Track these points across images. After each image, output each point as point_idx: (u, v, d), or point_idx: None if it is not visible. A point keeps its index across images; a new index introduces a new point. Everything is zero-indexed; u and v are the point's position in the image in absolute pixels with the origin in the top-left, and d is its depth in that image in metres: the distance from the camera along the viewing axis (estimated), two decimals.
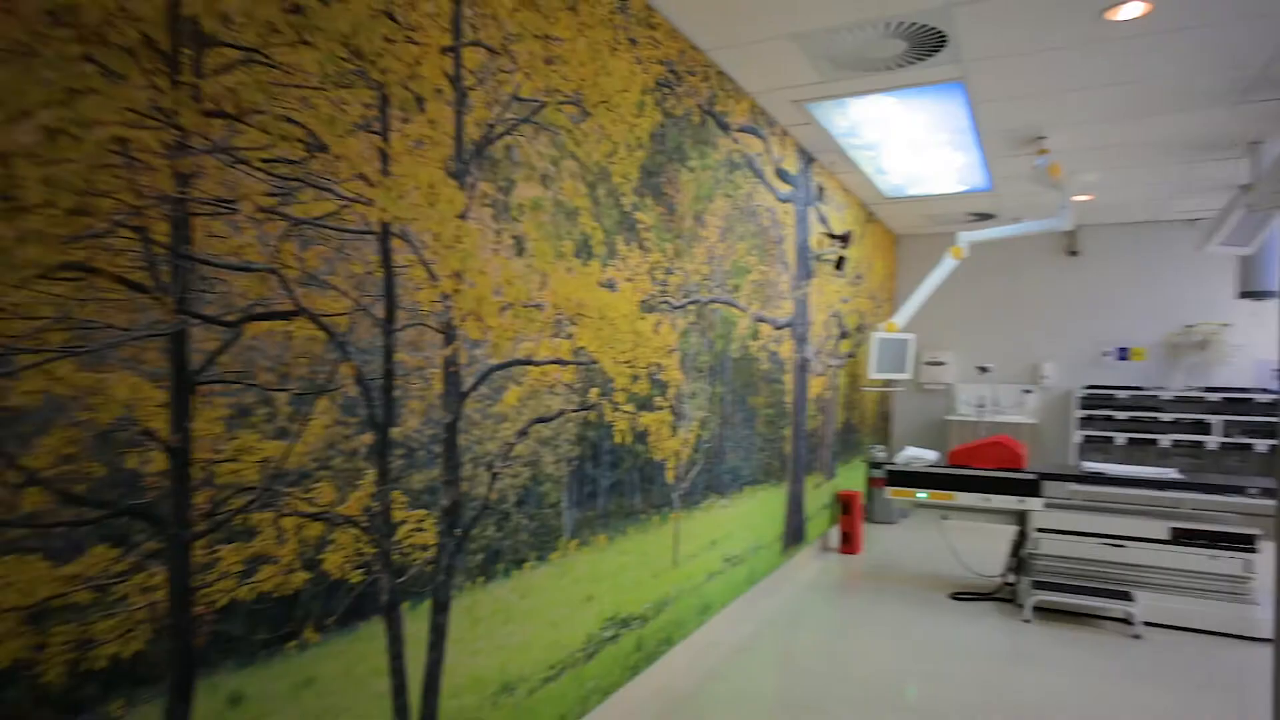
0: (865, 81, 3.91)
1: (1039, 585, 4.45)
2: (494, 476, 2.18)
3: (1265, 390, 7.11)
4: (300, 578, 1.68)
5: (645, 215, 2.98)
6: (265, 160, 1.58)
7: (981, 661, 3.91)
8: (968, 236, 6.18)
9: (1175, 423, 7.29)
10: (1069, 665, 3.84)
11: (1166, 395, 7.30)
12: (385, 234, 1.84)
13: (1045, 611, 4.44)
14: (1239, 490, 4.46)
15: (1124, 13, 3.27)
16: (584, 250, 2.58)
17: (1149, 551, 4.44)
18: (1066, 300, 7.94)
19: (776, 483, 4.62)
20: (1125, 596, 4.30)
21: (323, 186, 1.70)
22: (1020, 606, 4.58)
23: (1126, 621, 4.36)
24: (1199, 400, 7.25)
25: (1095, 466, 4.88)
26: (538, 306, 2.34)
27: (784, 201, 4.67)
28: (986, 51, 3.60)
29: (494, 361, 2.18)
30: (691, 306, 3.39)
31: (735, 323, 3.89)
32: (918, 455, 4.95)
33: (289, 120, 1.62)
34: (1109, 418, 7.46)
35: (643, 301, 2.96)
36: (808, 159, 5.21)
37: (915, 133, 4.88)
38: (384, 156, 1.83)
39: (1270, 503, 4.41)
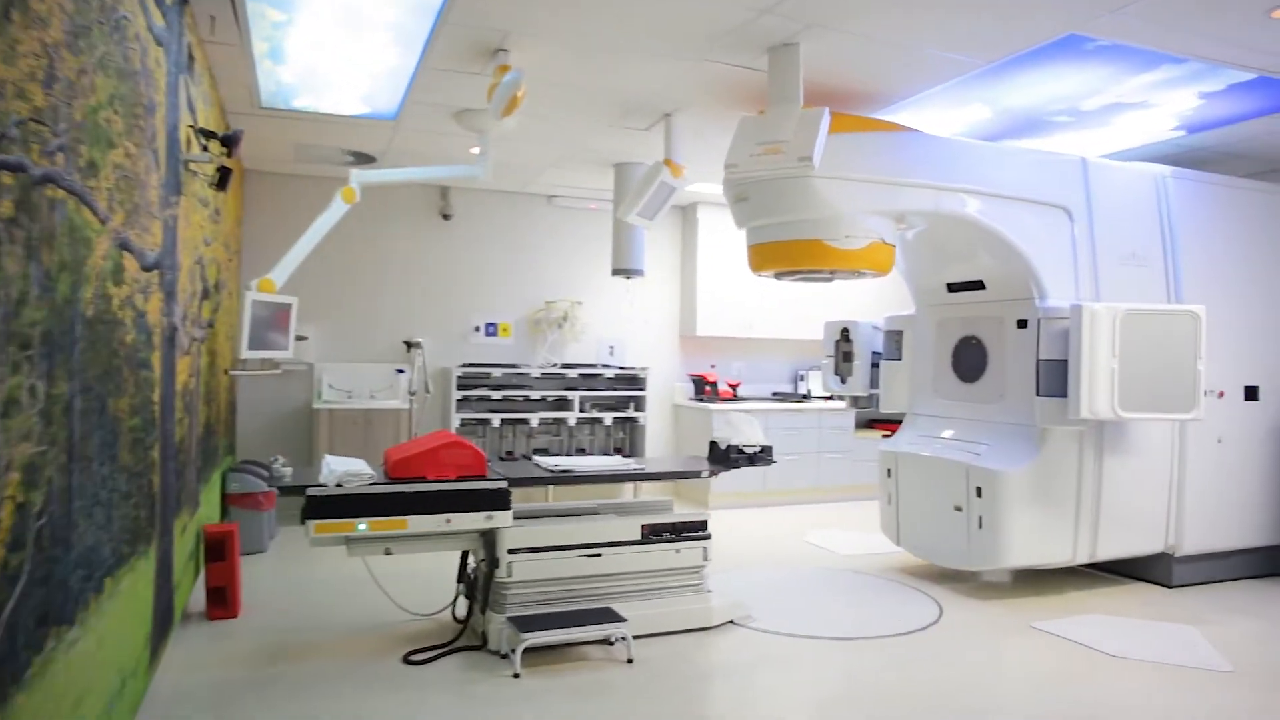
0: None
1: (523, 624, 3.44)
2: None
3: (609, 366, 7.50)
4: None
5: None
6: None
7: None
8: (364, 176, 4.81)
9: (542, 400, 7.17)
10: None
11: (534, 373, 7.13)
12: None
13: (532, 653, 3.45)
14: (694, 474, 4.18)
15: None
16: None
17: (624, 556, 3.83)
18: (440, 269, 7.17)
19: (145, 549, 2.58)
20: (615, 617, 3.60)
21: None
22: (501, 655, 3.50)
23: (609, 642, 3.67)
24: (560, 377, 7.27)
25: (551, 462, 4.10)
26: None
27: (159, 44, 2.62)
28: None
29: None
30: (8, 179, 1.33)
31: (90, 242, 1.84)
32: (350, 470, 3.43)
33: None
34: (485, 398, 6.95)
35: None
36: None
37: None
38: None
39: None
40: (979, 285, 4.95)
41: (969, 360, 5.05)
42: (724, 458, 4.25)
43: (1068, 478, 4.60)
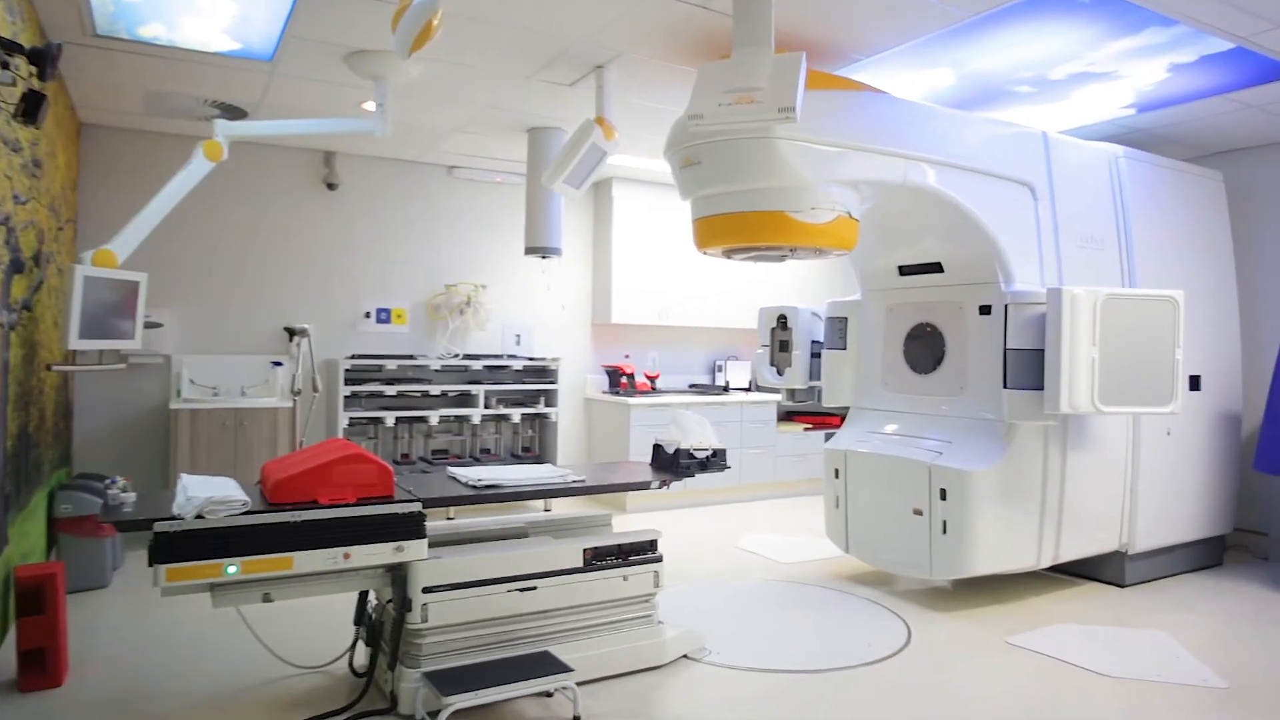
0: None
1: (444, 681, 2.74)
2: None
3: (516, 356, 6.80)
4: None
5: None
6: None
7: None
8: (232, 128, 4.00)
9: (442, 395, 6.41)
10: None
11: (433, 365, 6.35)
12: None
13: (456, 715, 2.75)
14: (643, 485, 3.56)
15: None
16: None
17: (564, 587, 3.18)
18: (324, 246, 6.27)
19: None
20: (556, 665, 2.94)
21: None
22: None
23: (548, 695, 3.02)
24: (462, 369, 6.52)
25: (470, 475, 3.39)
26: None
27: None
28: None
29: None
30: None
31: None
32: (215, 496, 2.63)
33: None
34: (378, 394, 6.12)
35: None
36: None
37: None
38: None
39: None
40: (936, 268, 4.54)
41: (924, 350, 4.65)
42: (672, 464, 3.67)
43: (1033, 476, 4.26)
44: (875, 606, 4.27)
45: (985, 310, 4.33)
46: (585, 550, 3.22)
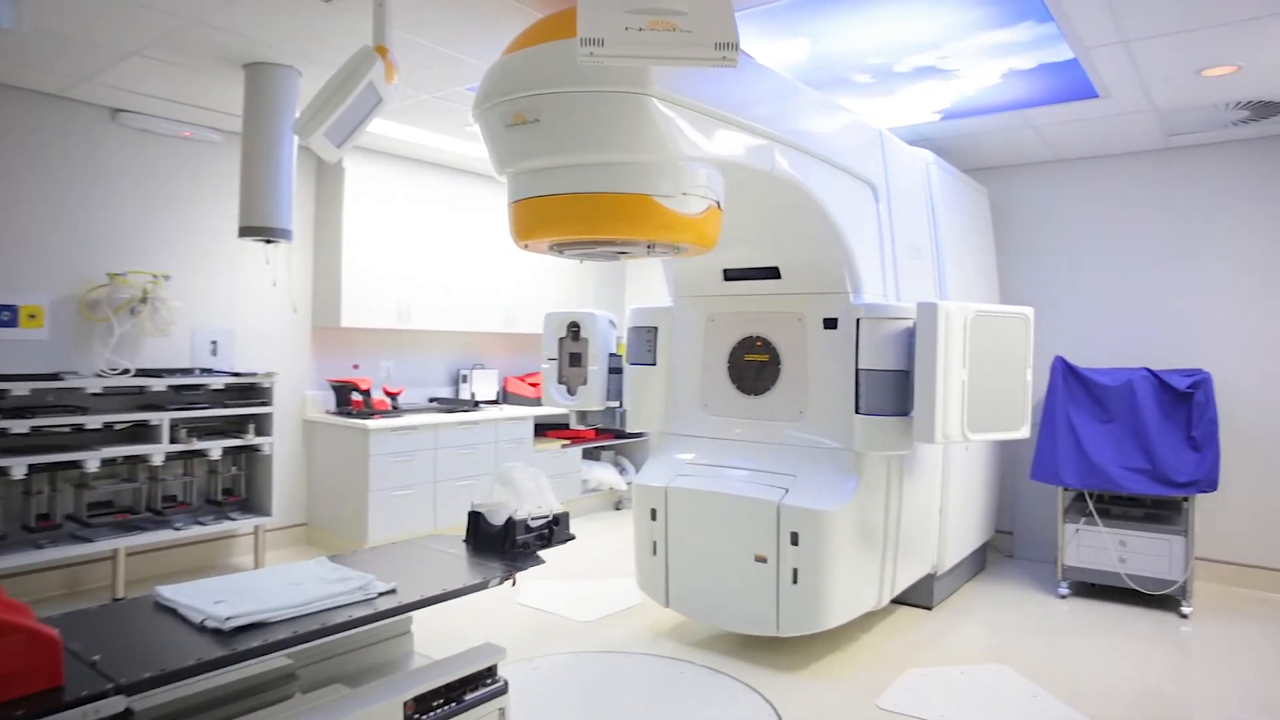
0: None
1: None
2: None
3: (213, 371, 5.20)
4: None
5: None
6: None
7: None
8: None
9: (105, 429, 4.63)
10: None
11: (92, 386, 4.56)
12: None
13: None
14: (479, 586, 2.45)
15: None
16: None
17: None
18: None
19: None
20: None
21: None
22: None
23: None
24: (137, 391, 4.80)
25: (202, 599, 2.06)
26: None
27: None
28: None
29: None
30: None
31: None
32: None
33: None
34: (1, 431, 4.22)
35: None
36: None
37: None
38: None
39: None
40: (771, 273, 3.94)
41: (754, 367, 4.04)
42: (503, 541, 2.63)
43: (879, 509, 3.82)
44: (722, 678, 3.56)
45: (831, 324, 3.80)
46: (408, 704, 2.08)
